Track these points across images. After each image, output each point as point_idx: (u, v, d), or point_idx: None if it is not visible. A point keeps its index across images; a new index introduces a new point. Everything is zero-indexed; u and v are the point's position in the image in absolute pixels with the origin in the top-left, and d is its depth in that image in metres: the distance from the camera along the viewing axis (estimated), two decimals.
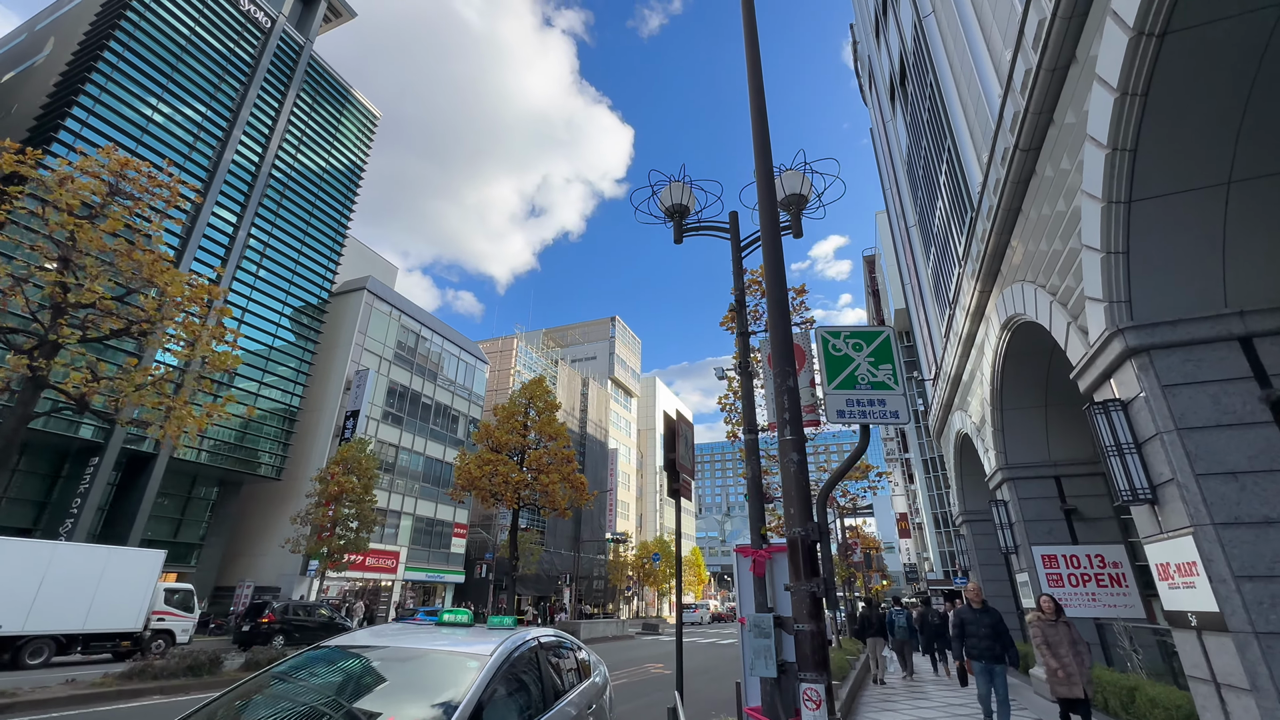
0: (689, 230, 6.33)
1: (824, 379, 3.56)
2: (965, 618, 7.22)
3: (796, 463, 3.54)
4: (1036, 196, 7.36)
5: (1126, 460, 5.71)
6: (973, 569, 16.60)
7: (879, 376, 3.52)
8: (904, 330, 44.98)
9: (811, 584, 3.28)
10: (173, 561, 27.51)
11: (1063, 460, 10.84)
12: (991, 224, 8.64)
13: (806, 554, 3.35)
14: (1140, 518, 5.82)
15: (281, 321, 31.08)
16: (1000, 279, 9.47)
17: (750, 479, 4.92)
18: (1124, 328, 5.56)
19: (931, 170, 13.48)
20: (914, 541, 53.55)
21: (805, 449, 3.62)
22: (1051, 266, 7.16)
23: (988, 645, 6.92)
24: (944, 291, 14.23)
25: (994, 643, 6.88)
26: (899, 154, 18.33)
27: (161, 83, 26.55)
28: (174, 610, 17.90)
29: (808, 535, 3.38)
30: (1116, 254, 5.61)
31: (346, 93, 37.29)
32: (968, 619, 7.19)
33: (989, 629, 6.98)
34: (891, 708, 9.40)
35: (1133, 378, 5.61)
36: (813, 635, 3.20)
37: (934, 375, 17.17)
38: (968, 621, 7.18)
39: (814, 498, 3.57)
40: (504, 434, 21.41)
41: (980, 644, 6.95)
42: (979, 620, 7.10)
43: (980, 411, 12.45)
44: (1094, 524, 10.41)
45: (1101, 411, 5.94)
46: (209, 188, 27.86)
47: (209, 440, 27.50)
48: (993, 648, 6.89)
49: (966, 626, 7.16)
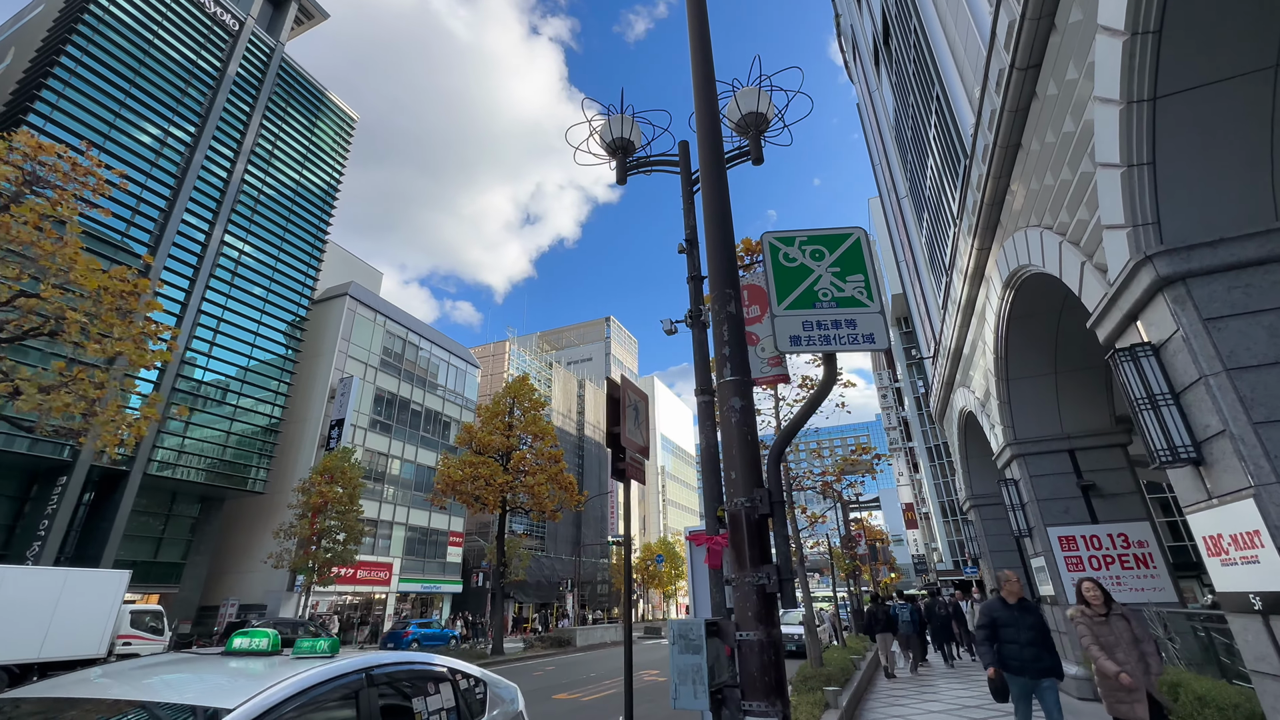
0: (635, 168, 5.41)
1: (773, 297, 2.64)
2: (999, 617, 5.32)
3: (740, 411, 2.61)
4: (1038, 123, 6.43)
5: (1162, 414, 4.77)
6: (982, 556, 15.65)
7: (846, 290, 2.60)
8: (901, 316, 44.03)
9: (759, 574, 2.35)
10: (155, 581, 26.60)
11: (1077, 432, 9.89)
12: (988, 167, 7.71)
13: (752, 532, 2.42)
14: (1181, 483, 4.88)
15: (261, 330, 30.16)
16: (1000, 231, 8.54)
17: (704, 449, 3.99)
18: (1153, 254, 4.63)
19: (920, 128, 12.56)
20: (921, 532, 52.50)
21: (752, 394, 2.69)
22: (1059, 202, 6.23)
23: (1032, 654, 5.07)
24: (939, 259, 13.30)
25: (1040, 651, 5.10)
26: (886, 123, 17.42)
27: (123, 87, 25.70)
28: (142, 634, 16.97)
29: (755, 508, 2.44)
30: (1140, 166, 4.68)
31: (321, 95, 36.45)
32: (1002, 618, 5.30)
33: (1033, 632, 5.15)
34: (899, 704, 8.46)
35: (1166, 314, 4.67)
36: (761, 647, 2.27)
37: (933, 353, 16.23)
38: (1002, 622, 5.29)
39: (765, 461, 2.62)
40: (487, 435, 20.47)
41: (1021, 652, 5.11)
42: (1018, 621, 5.23)
43: (984, 385, 11.51)
44: (1115, 500, 9.45)
45: (1128, 359, 5.01)
46: (177, 195, 26.98)
47: (187, 455, 26.57)
48: (1039, 657, 5.07)
49: (1001, 629, 5.27)
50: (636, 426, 4.99)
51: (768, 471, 2.53)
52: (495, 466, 19.43)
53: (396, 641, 25.24)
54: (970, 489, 15.55)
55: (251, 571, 28.74)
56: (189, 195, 27.45)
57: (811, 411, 2.54)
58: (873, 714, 8.36)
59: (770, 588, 2.31)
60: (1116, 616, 4.77)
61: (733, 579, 2.40)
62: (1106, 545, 9.17)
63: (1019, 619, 5.25)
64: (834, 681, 8.59)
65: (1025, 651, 5.10)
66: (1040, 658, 5.08)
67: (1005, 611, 5.34)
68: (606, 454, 61.64)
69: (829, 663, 10.01)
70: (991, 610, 5.43)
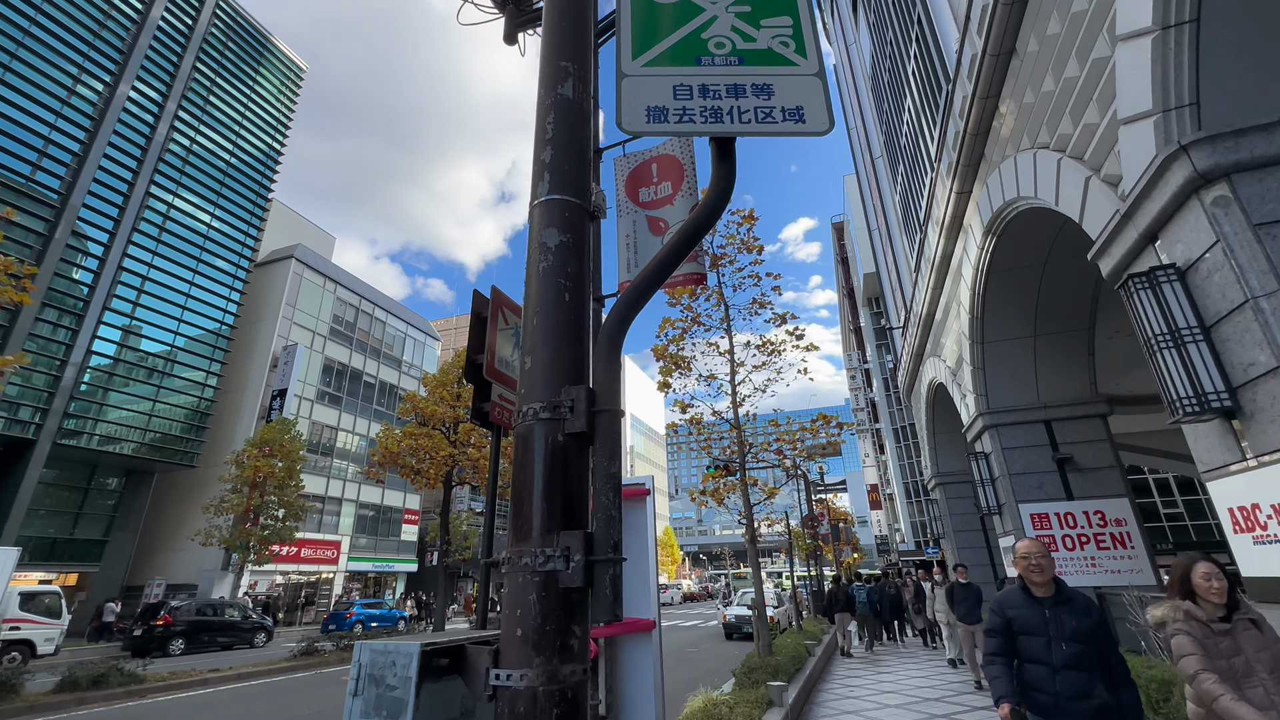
0: (530, 21, 4.10)
1: (623, 49, 1.43)
2: (1018, 617, 3.10)
3: (556, 253, 1.40)
4: (1039, 14, 5.32)
5: (1187, 353, 3.75)
6: (945, 536, 15.04)
7: (759, 40, 1.42)
8: (873, 296, 43.55)
9: (546, 550, 1.14)
10: (71, 560, 24.66)
11: (1055, 401, 9.05)
12: (974, 85, 6.61)
13: (552, 467, 1.22)
14: (1204, 440, 3.90)
15: (193, 292, 27.88)
16: (984, 167, 7.50)
17: None
18: (1189, 143, 3.56)
19: (898, 65, 11.43)
20: (885, 513, 52.91)
21: (586, 227, 1.48)
22: (1060, 109, 5.15)
23: (1077, 685, 2.85)
24: (914, 216, 12.31)
25: (1091, 679, 2.86)
26: (863, 74, 16.28)
27: (29, 15, 22.93)
28: (33, 617, 15.27)
29: (560, 421, 1.24)
30: (1178, 27, 3.58)
31: (265, 40, 33.64)
32: (1025, 620, 3.07)
33: (1081, 645, 2.90)
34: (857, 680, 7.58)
35: (1201, 223, 3.62)
36: (539, 704, 1.06)
37: (903, 322, 15.38)
38: (1025, 627, 3.06)
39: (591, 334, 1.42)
40: (433, 405, 18.97)
41: (1057, 681, 2.90)
42: (1053, 624, 2.98)
43: (956, 351, 10.62)
44: (1092, 475, 8.66)
45: (1145, 287, 3.97)
46: (94, 139, 24.42)
47: (106, 424, 24.44)
48: (1089, 690, 2.84)
49: (1023, 639, 3.05)
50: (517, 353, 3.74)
51: (598, 358, 1.33)
52: (439, 438, 18.03)
53: (339, 623, 23.84)
54: (936, 466, 14.85)
55: (183, 550, 26.89)
56: (108, 139, 24.87)
57: (703, 229, 1.34)
58: (824, 708, 7.45)
59: (569, 579, 1.13)
60: (1244, 623, 2.67)
61: (508, 557, 1.21)
62: (1082, 523, 8.38)
63: (1055, 621, 2.97)
64: (782, 673, 7.64)
65: (1064, 681, 2.87)
66: (1091, 690, 2.83)
67: (1030, 608, 3.06)
68: None
69: (780, 650, 9.09)
70: (1007, 605, 3.16)
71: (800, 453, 11.21)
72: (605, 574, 1.11)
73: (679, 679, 10.56)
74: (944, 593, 10.32)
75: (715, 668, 11.70)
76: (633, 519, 2.65)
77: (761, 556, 14.43)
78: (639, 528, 2.62)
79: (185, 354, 27.47)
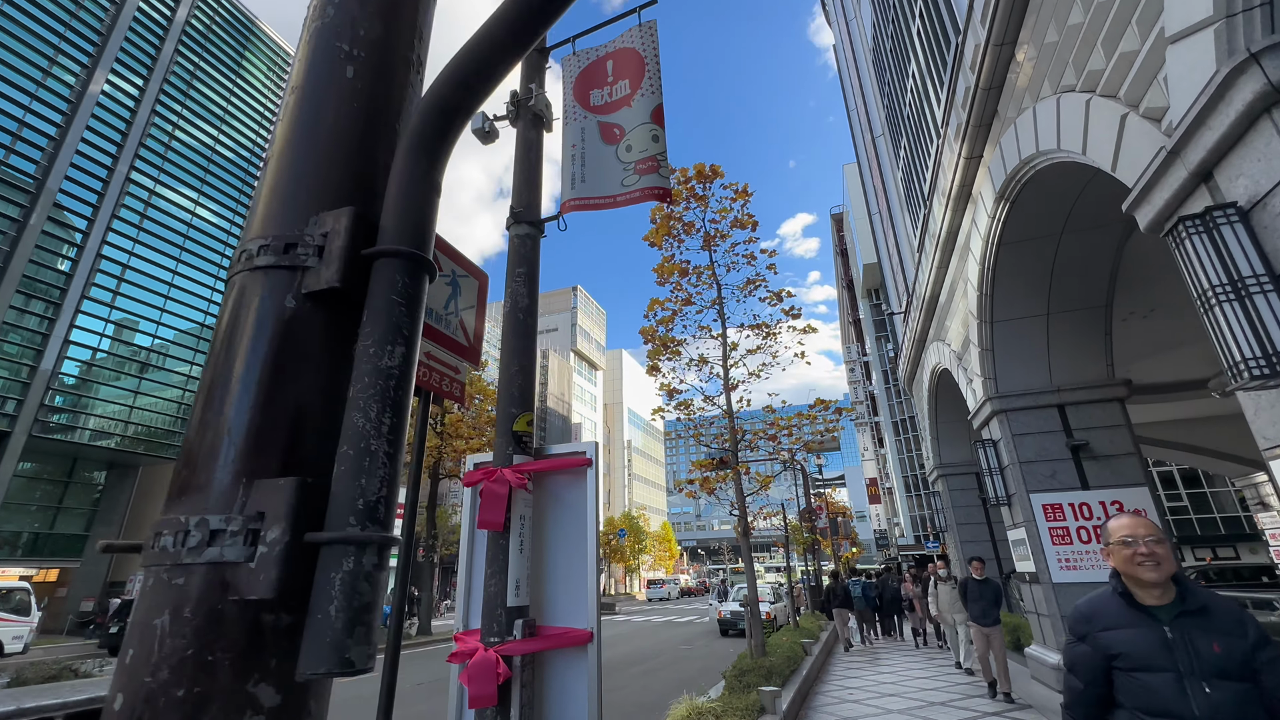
0: None
1: None
2: (1113, 640, 1.84)
3: None
4: None
5: (1253, 305, 3.15)
6: (948, 529, 14.47)
7: None
8: (874, 288, 42.90)
9: (220, 514, 0.49)
10: (51, 555, 24.08)
11: (1069, 384, 8.45)
12: (989, 28, 5.99)
13: (262, 354, 0.56)
14: (1271, 410, 3.30)
15: (176, 282, 27.21)
16: (997, 124, 6.88)
17: (508, 313, 2.20)
18: (1261, 49, 2.95)
19: (901, 30, 10.77)
20: (884, 507, 52.43)
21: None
22: (1091, 40, 4.54)
23: None
24: (917, 193, 11.68)
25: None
26: (864, 48, 15.62)
27: None
28: (1, 615, 14.70)
29: (290, 262, 0.59)
30: None
31: (251, 25, 32.83)
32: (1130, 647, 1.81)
33: (1242, 678, 1.67)
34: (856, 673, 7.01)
35: (1274, 147, 3.02)
36: None
37: (905, 306, 14.77)
38: (1132, 659, 1.79)
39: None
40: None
41: None
42: (1194, 648, 1.73)
43: (962, 334, 10.02)
44: (1109, 462, 8.07)
45: (1200, 230, 3.36)
46: (70, 123, 23.69)
47: (87, 416, 23.82)
48: None
49: (1134, 680, 1.78)
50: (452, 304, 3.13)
51: (398, 168, 0.70)
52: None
53: None
54: (939, 457, 14.28)
55: None
56: (85, 123, 24.14)
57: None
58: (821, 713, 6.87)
59: (249, 580, 0.51)
60: None
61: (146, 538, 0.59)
62: (1099, 514, 7.80)
63: (1186, 646, 1.75)
64: (776, 676, 7.07)
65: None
66: None
67: (1140, 626, 1.83)
68: (569, 426, 60.24)
69: (775, 649, 8.52)
70: (1097, 622, 1.92)
71: (796, 441, 10.62)
72: (335, 572, 0.51)
73: (668, 680, 10.00)
74: (951, 589, 9.74)
75: (707, 666, 11.17)
76: (570, 497, 2.04)
77: (759, 551, 13.86)
78: (577, 508, 2.01)
79: (171, 345, 26.82)
